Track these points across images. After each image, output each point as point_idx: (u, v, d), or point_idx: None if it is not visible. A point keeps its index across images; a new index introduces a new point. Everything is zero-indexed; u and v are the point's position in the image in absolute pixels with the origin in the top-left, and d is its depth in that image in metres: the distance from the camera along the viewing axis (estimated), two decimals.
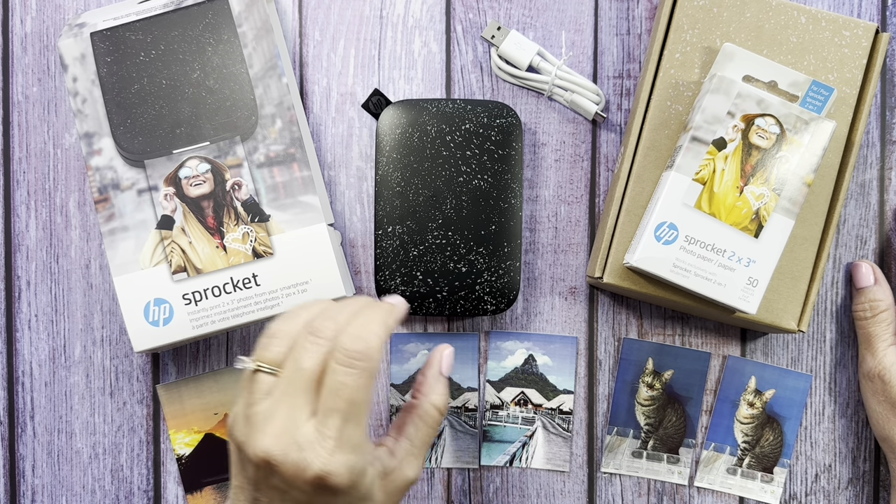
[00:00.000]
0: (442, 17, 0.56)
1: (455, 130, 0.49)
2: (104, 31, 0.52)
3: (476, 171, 0.49)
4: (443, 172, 0.49)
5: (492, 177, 0.49)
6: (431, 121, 0.49)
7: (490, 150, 0.49)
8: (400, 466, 0.42)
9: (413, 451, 0.43)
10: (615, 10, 0.56)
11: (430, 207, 0.49)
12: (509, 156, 0.50)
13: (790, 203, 0.47)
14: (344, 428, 0.38)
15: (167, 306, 0.51)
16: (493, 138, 0.49)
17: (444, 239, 0.49)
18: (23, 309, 0.56)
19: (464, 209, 0.49)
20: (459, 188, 0.49)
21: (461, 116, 0.49)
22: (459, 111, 0.49)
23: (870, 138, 0.56)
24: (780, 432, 0.55)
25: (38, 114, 0.56)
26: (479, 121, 0.49)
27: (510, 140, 0.50)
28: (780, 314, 0.50)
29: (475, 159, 0.49)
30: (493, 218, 0.49)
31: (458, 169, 0.49)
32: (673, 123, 0.50)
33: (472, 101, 0.50)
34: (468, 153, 0.49)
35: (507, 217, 0.50)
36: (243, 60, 0.52)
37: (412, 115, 0.50)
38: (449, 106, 0.50)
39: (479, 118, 0.49)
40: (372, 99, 0.50)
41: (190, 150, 0.51)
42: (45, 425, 0.56)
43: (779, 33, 0.50)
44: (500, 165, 0.49)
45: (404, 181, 0.49)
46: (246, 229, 0.51)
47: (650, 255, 0.47)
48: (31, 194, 0.56)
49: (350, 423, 0.38)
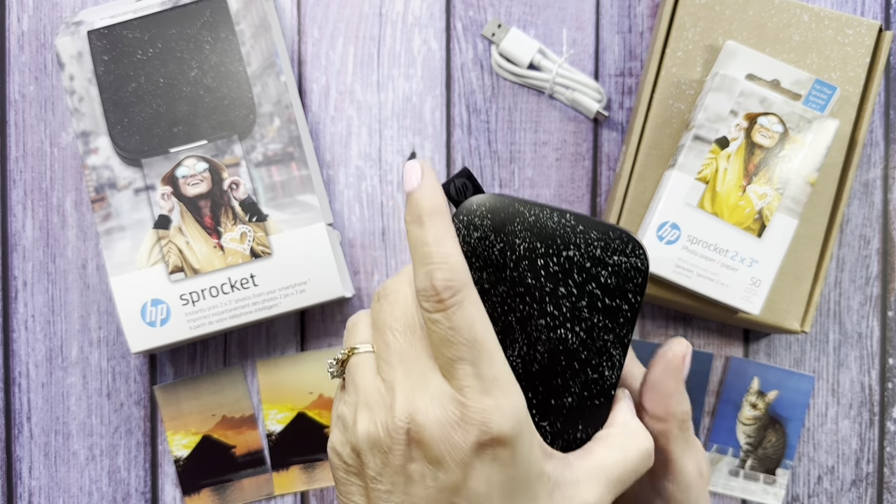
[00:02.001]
0: (442, 14, 0.56)
1: (552, 255, 0.34)
2: (101, 30, 0.51)
3: (566, 318, 0.34)
4: (521, 306, 0.34)
5: (586, 332, 0.34)
6: (524, 232, 0.34)
7: (593, 295, 0.34)
8: (578, 483, 0.32)
9: (601, 476, 0.32)
10: (617, 7, 0.55)
11: None
12: (618, 310, 0.34)
13: (793, 202, 0.47)
14: (479, 371, 0.30)
15: (164, 307, 0.51)
16: (601, 280, 0.34)
17: None
18: (19, 309, 0.55)
19: (536, 363, 0.34)
20: (538, 333, 0.34)
21: (566, 238, 0.34)
22: (566, 230, 0.34)
23: (873, 137, 0.55)
24: (783, 434, 0.55)
25: (34, 112, 0.56)
26: (589, 251, 0.34)
27: (626, 289, 0.34)
28: (783, 315, 0.49)
29: (569, 301, 0.34)
30: (572, 388, 0.34)
31: (542, 307, 0.34)
32: (675, 122, 0.50)
33: (590, 220, 0.35)
34: (562, 290, 0.34)
35: (591, 392, 0.34)
36: (241, 58, 0.52)
37: (500, 217, 0.34)
38: (553, 218, 0.34)
39: (590, 247, 0.34)
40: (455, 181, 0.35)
41: (187, 148, 0.51)
42: (42, 426, 0.55)
43: (781, 31, 0.50)
44: (602, 320, 0.34)
45: None
46: (244, 229, 0.51)
47: (652, 255, 0.47)
48: (27, 193, 0.55)
49: (483, 363, 0.30)
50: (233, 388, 0.55)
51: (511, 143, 0.56)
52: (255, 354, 0.55)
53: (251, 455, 0.55)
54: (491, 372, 0.30)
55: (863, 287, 0.55)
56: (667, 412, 0.34)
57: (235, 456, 0.55)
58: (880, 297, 0.55)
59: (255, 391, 0.55)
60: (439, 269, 0.30)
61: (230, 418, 0.55)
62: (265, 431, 0.55)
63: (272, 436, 0.55)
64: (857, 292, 0.55)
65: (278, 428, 0.55)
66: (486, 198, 0.35)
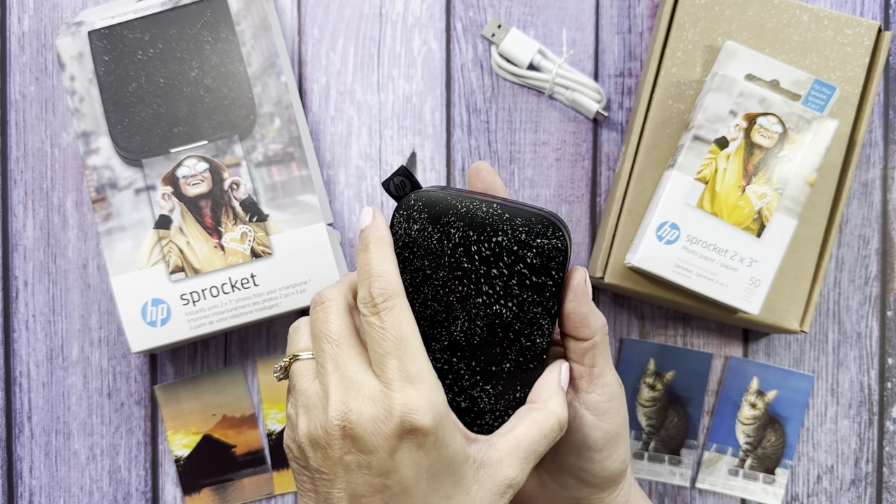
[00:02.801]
0: (442, 14, 0.56)
1: (483, 241, 0.38)
2: (102, 30, 0.52)
3: (500, 296, 0.39)
4: (459, 287, 0.39)
5: (517, 306, 0.39)
6: (457, 222, 0.39)
7: (521, 274, 0.38)
8: (500, 461, 0.36)
9: (519, 453, 0.37)
10: (616, 7, 0.56)
11: (437, 325, 0.39)
12: (544, 286, 0.38)
13: (793, 202, 0.47)
14: (405, 366, 0.34)
15: (165, 306, 0.51)
16: (527, 260, 0.38)
17: (446, 364, 0.39)
18: (20, 309, 0.55)
19: (476, 336, 0.39)
20: (476, 310, 0.39)
21: (494, 225, 0.38)
22: (494, 218, 0.38)
23: (872, 137, 0.55)
24: (783, 433, 0.55)
25: (35, 113, 0.56)
26: (515, 235, 0.38)
27: (549, 267, 0.38)
28: (782, 314, 0.50)
29: (501, 281, 0.39)
30: (509, 355, 0.39)
31: (478, 288, 0.39)
32: (675, 122, 0.50)
33: (514, 208, 0.39)
34: (494, 272, 0.39)
35: (526, 357, 0.39)
36: (241, 59, 0.52)
37: (436, 210, 0.39)
38: (482, 208, 0.38)
39: (515, 232, 0.38)
40: (394, 179, 0.39)
41: (188, 149, 0.51)
42: (43, 426, 0.55)
43: (781, 32, 0.50)
44: (531, 295, 0.38)
45: (412, 287, 0.39)
46: (244, 229, 0.51)
47: (652, 255, 0.47)
48: (28, 194, 0.56)
49: (408, 359, 0.34)
50: (233, 387, 0.55)
51: (511, 144, 0.56)
52: (255, 354, 0.55)
53: (252, 454, 0.55)
54: (414, 368, 0.34)
55: (862, 287, 0.55)
56: (590, 330, 0.39)
57: (236, 455, 0.55)
58: (879, 297, 0.55)
59: (255, 391, 0.55)
60: (376, 281, 0.35)
61: (231, 418, 0.55)
62: (265, 431, 0.55)
63: (272, 435, 0.55)
64: (856, 292, 0.55)
65: (279, 427, 0.55)
66: (423, 193, 0.39)
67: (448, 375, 0.39)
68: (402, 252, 0.39)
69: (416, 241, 0.39)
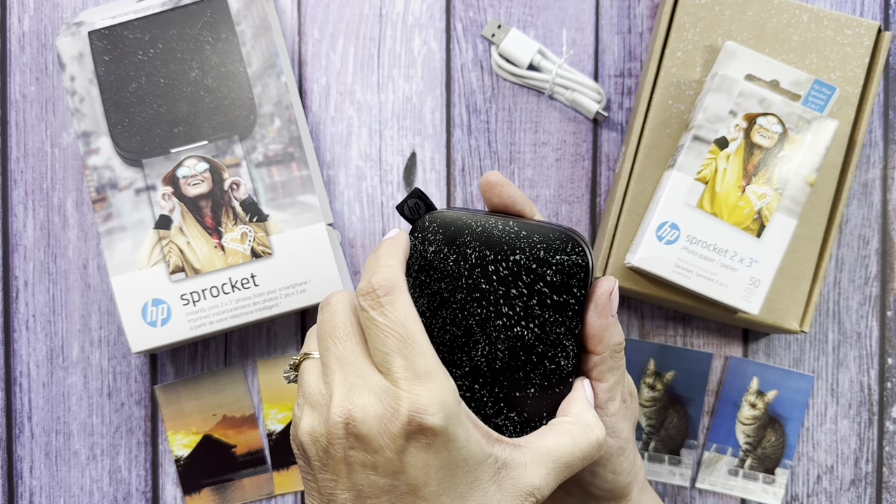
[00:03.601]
0: (442, 15, 0.56)
1: (501, 260, 0.37)
2: (102, 30, 0.52)
3: (520, 317, 0.37)
4: (478, 310, 0.37)
5: (539, 327, 0.37)
6: (473, 242, 0.37)
7: (542, 293, 0.37)
8: (525, 465, 0.34)
9: (548, 461, 0.35)
10: (616, 8, 0.56)
11: (457, 350, 0.38)
12: (566, 304, 0.36)
13: (792, 203, 0.47)
14: (411, 363, 0.33)
15: (165, 307, 0.51)
16: (547, 278, 0.36)
17: (468, 392, 0.38)
18: (20, 309, 0.56)
19: (498, 360, 0.37)
20: (496, 333, 0.37)
21: (511, 243, 0.37)
22: (510, 236, 0.37)
23: (872, 137, 0.55)
24: (782, 433, 0.55)
25: (35, 113, 0.56)
26: (533, 253, 0.36)
27: (570, 284, 0.36)
28: (782, 315, 0.50)
29: (521, 301, 0.37)
30: (533, 379, 0.37)
31: (497, 309, 0.37)
32: (674, 122, 0.50)
33: (532, 225, 0.37)
34: (513, 292, 0.37)
35: (551, 381, 0.37)
36: (242, 59, 0.52)
37: (451, 230, 0.37)
38: (499, 226, 0.37)
39: (534, 249, 0.36)
40: (408, 202, 0.38)
41: (188, 149, 0.51)
42: (43, 426, 0.55)
43: (781, 32, 0.50)
44: (553, 315, 0.37)
45: (430, 312, 0.38)
46: (244, 229, 0.51)
47: (651, 255, 0.47)
48: (28, 194, 0.56)
49: (415, 356, 0.33)
50: (233, 387, 0.55)
51: (511, 144, 0.56)
52: (255, 354, 0.55)
53: (252, 454, 0.55)
54: (422, 364, 0.33)
55: (862, 287, 0.55)
56: (602, 346, 0.37)
57: (236, 455, 0.55)
58: (879, 297, 0.55)
59: (255, 391, 0.55)
60: (377, 273, 0.34)
61: (231, 418, 0.55)
62: (266, 431, 0.55)
63: (273, 435, 0.55)
64: (856, 292, 0.55)
65: (279, 427, 0.55)
66: (437, 214, 0.38)
67: (470, 404, 0.38)
68: (419, 275, 0.38)
69: (432, 263, 0.38)
